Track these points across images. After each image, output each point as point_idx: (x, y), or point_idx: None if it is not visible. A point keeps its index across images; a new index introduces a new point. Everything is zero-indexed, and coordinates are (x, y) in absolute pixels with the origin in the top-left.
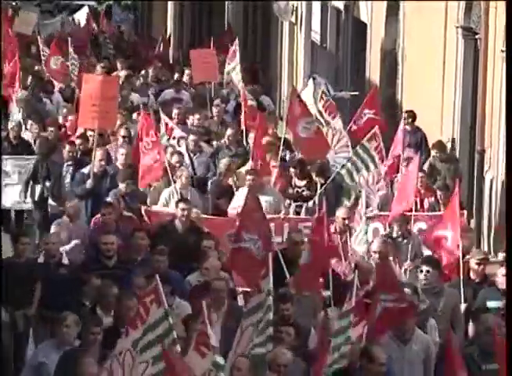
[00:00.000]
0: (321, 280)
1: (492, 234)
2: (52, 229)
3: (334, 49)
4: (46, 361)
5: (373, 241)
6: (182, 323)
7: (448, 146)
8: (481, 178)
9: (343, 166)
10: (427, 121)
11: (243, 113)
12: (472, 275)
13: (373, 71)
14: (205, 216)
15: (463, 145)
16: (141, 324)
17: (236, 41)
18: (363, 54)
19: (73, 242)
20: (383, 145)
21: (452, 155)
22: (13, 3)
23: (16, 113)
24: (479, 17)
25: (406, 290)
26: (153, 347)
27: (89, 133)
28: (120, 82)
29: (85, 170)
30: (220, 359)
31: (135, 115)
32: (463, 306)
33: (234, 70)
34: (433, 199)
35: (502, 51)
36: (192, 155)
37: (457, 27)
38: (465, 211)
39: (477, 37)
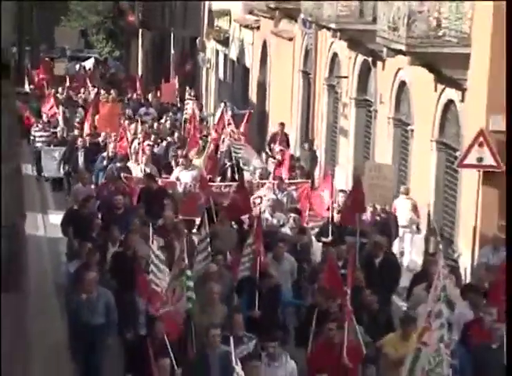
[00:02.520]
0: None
1: None
2: (74, 189)
3: (231, 83)
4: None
5: (265, 195)
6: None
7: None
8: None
9: (239, 152)
10: (288, 123)
11: (188, 122)
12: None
13: (253, 96)
14: (160, 179)
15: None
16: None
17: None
18: (247, 85)
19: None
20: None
21: (312, 149)
22: (53, 55)
23: (60, 122)
24: (315, 62)
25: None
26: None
27: (102, 133)
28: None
29: (104, 154)
30: (189, 272)
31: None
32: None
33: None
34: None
35: (324, 84)
36: (155, 146)
37: (299, 71)
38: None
39: (310, 76)
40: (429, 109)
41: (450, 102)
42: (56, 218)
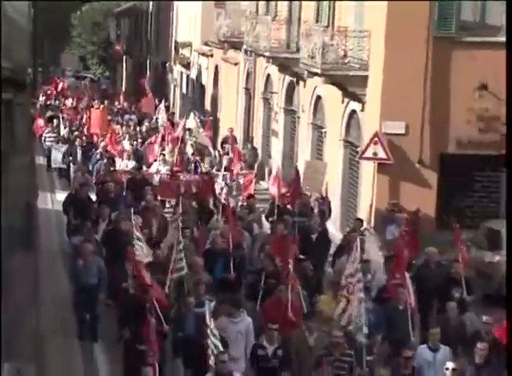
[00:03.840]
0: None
1: None
2: (74, 177)
3: (192, 96)
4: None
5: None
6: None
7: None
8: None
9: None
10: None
11: (163, 128)
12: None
13: (208, 106)
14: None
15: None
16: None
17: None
18: (204, 98)
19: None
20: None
21: (254, 147)
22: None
23: (62, 129)
24: (253, 81)
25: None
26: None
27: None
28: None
29: (98, 151)
30: (181, 246)
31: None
32: None
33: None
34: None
35: (260, 97)
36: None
37: (242, 88)
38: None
39: (250, 91)
40: (338, 116)
41: (353, 111)
42: (61, 196)
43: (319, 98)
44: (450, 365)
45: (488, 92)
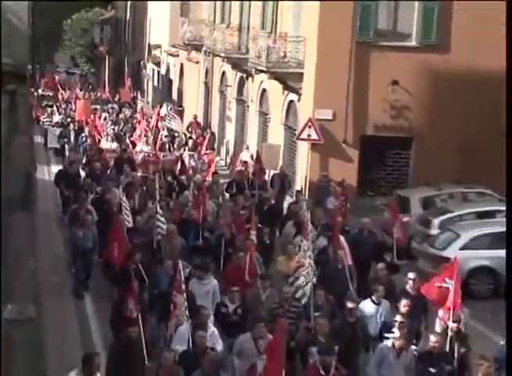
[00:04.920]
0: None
1: None
2: (68, 156)
3: (161, 89)
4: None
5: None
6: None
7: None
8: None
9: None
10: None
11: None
12: None
13: (175, 97)
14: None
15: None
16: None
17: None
18: (171, 91)
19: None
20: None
21: (213, 132)
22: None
23: (57, 116)
24: (211, 77)
25: None
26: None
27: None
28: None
29: (83, 134)
30: (160, 211)
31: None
32: None
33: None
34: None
35: (217, 90)
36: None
37: (202, 82)
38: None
39: (208, 85)
40: (279, 105)
41: (291, 101)
42: (56, 168)
43: (264, 90)
44: (398, 318)
45: (399, 86)
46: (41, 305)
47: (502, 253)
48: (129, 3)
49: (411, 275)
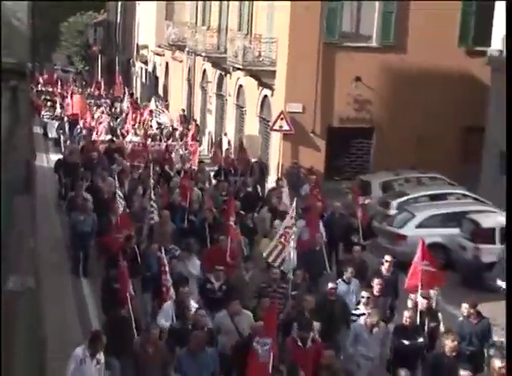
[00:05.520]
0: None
1: None
2: (67, 146)
3: (148, 85)
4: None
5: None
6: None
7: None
8: None
9: (159, 116)
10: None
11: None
12: None
13: (161, 93)
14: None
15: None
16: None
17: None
18: (157, 87)
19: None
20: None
21: (197, 124)
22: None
23: (57, 109)
24: (193, 74)
25: None
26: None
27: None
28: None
29: (78, 126)
30: (154, 197)
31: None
32: None
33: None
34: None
35: (199, 86)
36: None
37: (185, 79)
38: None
39: (191, 82)
40: (254, 99)
41: (265, 96)
42: (55, 157)
43: (240, 86)
44: (365, 294)
45: (362, 83)
46: (41, 282)
47: (451, 231)
48: (119, 7)
49: (387, 257)
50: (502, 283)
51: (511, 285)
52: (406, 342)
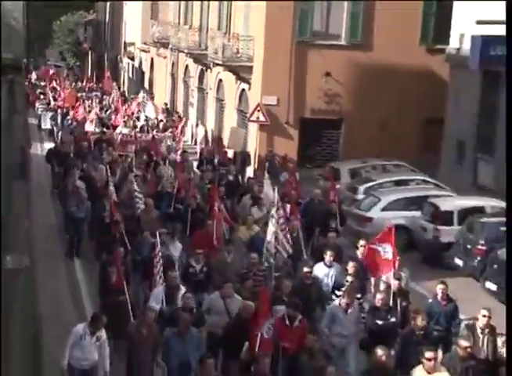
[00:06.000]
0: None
1: None
2: (60, 136)
3: (135, 80)
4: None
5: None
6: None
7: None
8: None
9: (146, 109)
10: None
11: (120, 101)
12: None
13: (147, 87)
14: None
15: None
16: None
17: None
18: (143, 81)
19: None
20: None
21: (180, 117)
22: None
23: (52, 101)
24: (177, 69)
25: None
26: None
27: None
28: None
29: (68, 117)
30: (138, 189)
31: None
32: None
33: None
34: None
35: (181, 80)
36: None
37: (169, 74)
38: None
39: (175, 76)
40: (233, 93)
41: (243, 89)
42: (48, 146)
43: (220, 80)
44: (349, 278)
45: (332, 77)
46: (36, 263)
47: (414, 213)
48: (108, 7)
49: (361, 242)
50: (459, 262)
51: (511, 285)
52: (380, 322)
